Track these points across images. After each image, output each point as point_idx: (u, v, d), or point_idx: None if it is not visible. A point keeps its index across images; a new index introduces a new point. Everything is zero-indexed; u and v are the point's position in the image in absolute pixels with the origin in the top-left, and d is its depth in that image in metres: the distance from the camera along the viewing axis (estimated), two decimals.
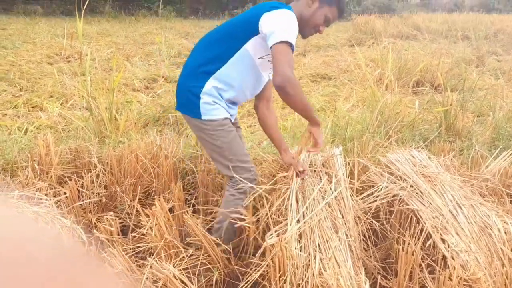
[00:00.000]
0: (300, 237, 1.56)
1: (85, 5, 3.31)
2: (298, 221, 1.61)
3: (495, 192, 1.97)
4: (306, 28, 1.75)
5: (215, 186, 2.32)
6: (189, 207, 2.27)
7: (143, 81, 5.59)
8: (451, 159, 2.19)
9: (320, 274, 1.40)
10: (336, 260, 1.47)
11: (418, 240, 1.58)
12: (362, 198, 2.04)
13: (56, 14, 13.90)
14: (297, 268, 1.41)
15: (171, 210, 2.13)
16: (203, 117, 1.72)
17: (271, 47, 1.55)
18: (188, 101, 1.75)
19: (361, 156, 2.37)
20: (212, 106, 1.72)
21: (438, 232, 1.55)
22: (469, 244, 1.54)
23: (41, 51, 6.69)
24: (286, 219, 1.64)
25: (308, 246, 1.51)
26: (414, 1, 28.36)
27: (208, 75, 1.71)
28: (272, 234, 1.57)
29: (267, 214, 1.72)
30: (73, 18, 11.39)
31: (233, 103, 1.83)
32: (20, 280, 0.28)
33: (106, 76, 5.47)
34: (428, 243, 1.57)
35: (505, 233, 1.56)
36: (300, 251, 1.49)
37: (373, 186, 2.06)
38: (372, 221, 1.81)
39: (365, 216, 1.84)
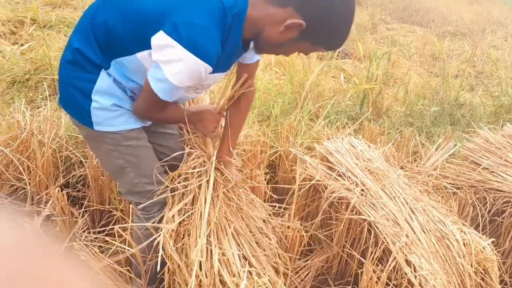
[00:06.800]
0: None
1: None
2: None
3: (437, 186, 1.84)
4: (265, 47, 1.12)
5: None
6: (78, 211, 1.70)
7: (7, 24, 4.41)
8: (389, 147, 2.00)
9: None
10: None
11: (377, 259, 1.33)
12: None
13: None
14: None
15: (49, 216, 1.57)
16: (96, 128, 1.15)
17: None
18: (72, 99, 1.14)
19: (291, 142, 2.04)
20: (111, 113, 1.14)
21: (402, 253, 1.32)
22: (429, 259, 1.34)
23: None
24: None
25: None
26: None
27: (99, 67, 1.10)
28: None
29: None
30: None
31: None
32: None
33: None
34: (389, 264, 1.33)
35: (464, 244, 1.40)
36: None
37: (310, 180, 1.77)
38: (311, 231, 1.52)
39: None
